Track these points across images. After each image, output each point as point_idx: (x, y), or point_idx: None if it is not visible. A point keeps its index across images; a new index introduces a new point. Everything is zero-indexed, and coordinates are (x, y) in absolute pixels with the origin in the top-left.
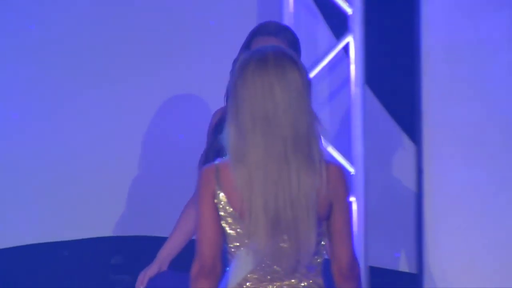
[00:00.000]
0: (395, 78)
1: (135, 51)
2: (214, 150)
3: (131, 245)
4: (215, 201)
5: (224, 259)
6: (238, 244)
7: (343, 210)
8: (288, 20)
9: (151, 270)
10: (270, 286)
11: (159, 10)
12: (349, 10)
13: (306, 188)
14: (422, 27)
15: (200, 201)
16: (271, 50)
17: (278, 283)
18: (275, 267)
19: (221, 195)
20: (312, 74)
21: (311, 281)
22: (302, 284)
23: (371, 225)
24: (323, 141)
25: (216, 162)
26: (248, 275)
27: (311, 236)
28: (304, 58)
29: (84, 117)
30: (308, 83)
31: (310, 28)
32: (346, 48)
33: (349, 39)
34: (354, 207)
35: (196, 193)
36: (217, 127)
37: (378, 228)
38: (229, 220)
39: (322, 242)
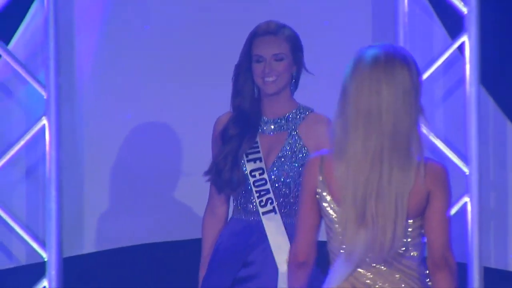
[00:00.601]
0: (510, 77)
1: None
2: (222, 158)
3: None
4: (318, 190)
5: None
6: (335, 235)
7: (440, 207)
8: (402, 20)
9: None
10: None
11: (271, 12)
12: (464, 10)
13: (397, 184)
14: None
15: (303, 190)
16: (383, 50)
17: (370, 274)
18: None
19: (323, 185)
20: (426, 74)
21: (408, 273)
22: (397, 276)
23: (485, 226)
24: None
25: (322, 153)
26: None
27: (397, 230)
28: (419, 58)
29: (197, 116)
30: (418, 84)
31: (425, 28)
32: (461, 47)
33: (464, 38)
34: (468, 207)
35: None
36: (223, 135)
37: (492, 229)
38: (329, 210)
39: (419, 236)
